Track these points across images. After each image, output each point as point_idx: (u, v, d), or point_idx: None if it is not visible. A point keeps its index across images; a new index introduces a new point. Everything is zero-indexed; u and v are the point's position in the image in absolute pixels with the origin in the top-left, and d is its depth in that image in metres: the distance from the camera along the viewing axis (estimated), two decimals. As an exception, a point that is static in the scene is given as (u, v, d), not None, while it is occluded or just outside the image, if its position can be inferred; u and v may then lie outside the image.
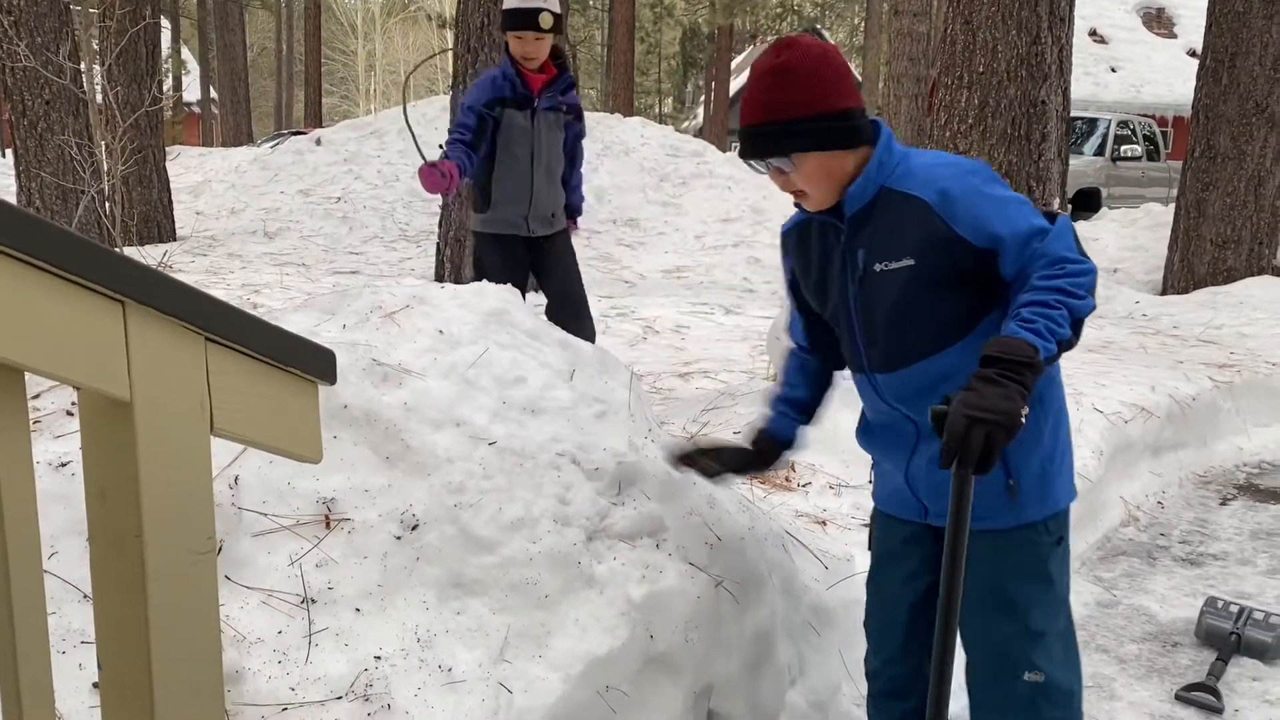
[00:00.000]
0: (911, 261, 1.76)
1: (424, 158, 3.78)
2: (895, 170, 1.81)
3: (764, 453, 2.15)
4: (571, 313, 4.07)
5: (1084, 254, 1.69)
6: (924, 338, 1.81)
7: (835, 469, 3.53)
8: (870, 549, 2.14)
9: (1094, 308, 1.66)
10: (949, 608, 1.65)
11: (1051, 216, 1.73)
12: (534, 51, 3.93)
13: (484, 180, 4.05)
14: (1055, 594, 1.90)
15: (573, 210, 4.35)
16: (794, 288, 2.07)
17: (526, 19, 3.86)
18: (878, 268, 1.81)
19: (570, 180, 4.29)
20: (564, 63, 4.08)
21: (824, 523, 3.13)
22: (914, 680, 2.03)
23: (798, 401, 2.13)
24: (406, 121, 4.28)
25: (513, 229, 4.08)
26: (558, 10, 3.96)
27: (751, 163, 1.84)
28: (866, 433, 2.05)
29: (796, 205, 1.91)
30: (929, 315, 1.79)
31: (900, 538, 2.01)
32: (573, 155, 4.25)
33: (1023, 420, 1.52)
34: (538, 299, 4.14)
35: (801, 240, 1.98)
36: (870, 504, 3.32)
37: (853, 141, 1.79)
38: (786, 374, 2.17)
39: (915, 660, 2.02)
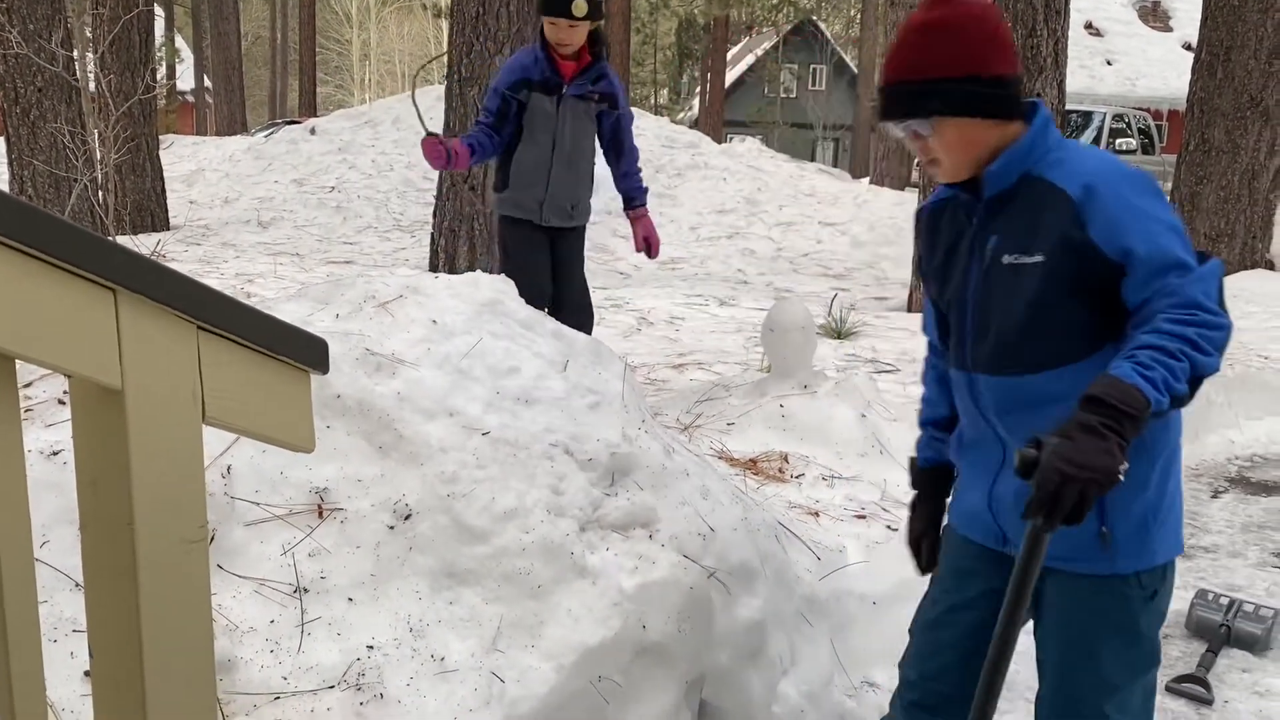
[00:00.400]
0: (1041, 258, 1.61)
1: (426, 129, 3.68)
2: (1046, 157, 1.65)
3: (932, 489, 1.96)
4: (570, 313, 3.92)
5: (1223, 306, 1.51)
6: (1039, 346, 1.65)
7: (828, 460, 3.53)
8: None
9: (1218, 369, 1.48)
10: (999, 659, 1.52)
11: (1203, 256, 1.55)
12: (568, 38, 3.73)
13: (505, 160, 3.91)
14: (1142, 649, 1.74)
15: (630, 198, 4.06)
16: (922, 267, 1.92)
17: (559, 5, 3.67)
18: (1006, 259, 1.66)
19: (621, 167, 4.04)
20: (599, 50, 3.86)
21: (817, 514, 3.14)
22: (952, 701, 1.88)
23: (943, 420, 1.94)
24: (413, 98, 4.19)
25: (526, 214, 3.92)
26: None
27: (889, 125, 1.69)
28: (959, 443, 1.88)
29: (937, 180, 1.76)
30: (1049, 323, 1.63)
31: (971, 558, 1.85)
32: (617, 143, 4.01)
33: (1121, 477, 1.40)
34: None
35: (934, 220, 1.84)
36: (863, 496, 3.33)
37: (1001, 111, 1.64)
38: (926, 388, 1.99)
39: (958, 682, 1.87)
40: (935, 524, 1.95)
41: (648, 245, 4.04)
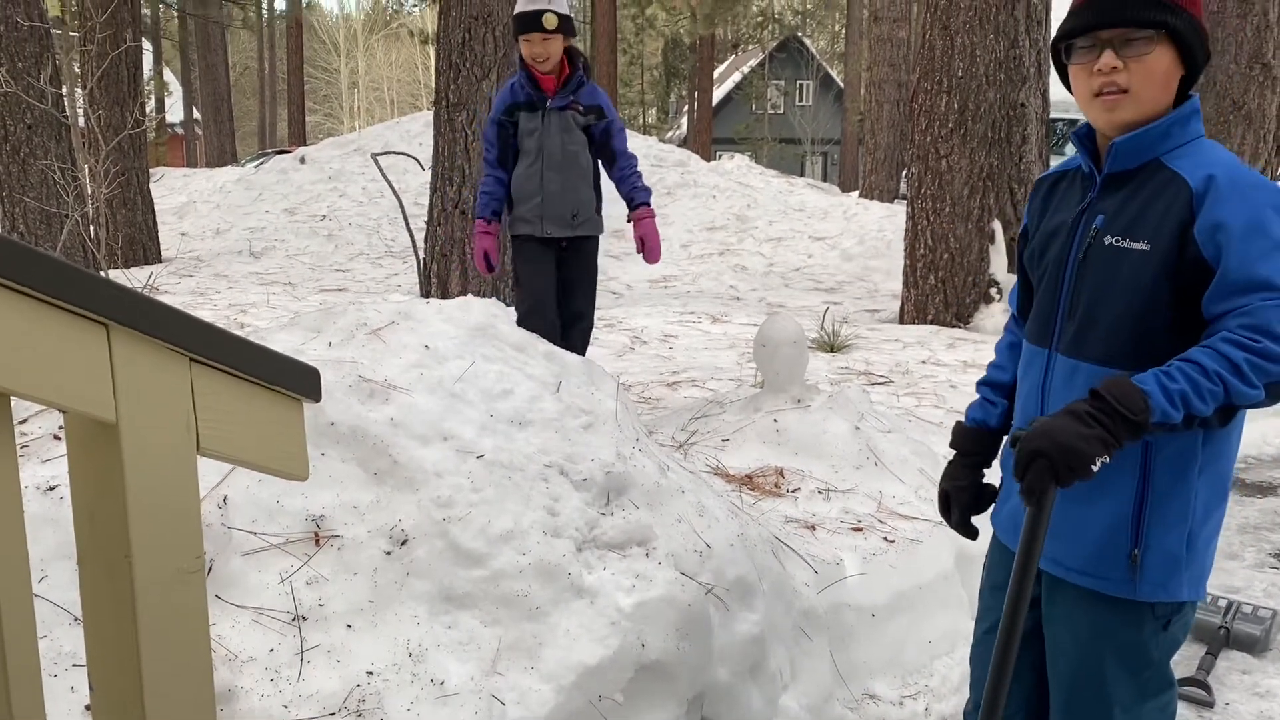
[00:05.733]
0: (1147, 247, 1.54)
1: (398, 199, 3.86)
2: (1180, 147, 1.59)
3: (967, 447, 1.89)
4: (571, 321, 4.13)
5: None
6: (1123, 340, 1.58)
7: (823, 474, 3.54)
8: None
9: (1260, 400, 1.42)
10: (1005, 652, 1.52)
11: None
12: (543, 52, 3.95)
13: (509, 182, 4.10)
14: (1152, 674, 1.70)
15: (629, 199, 4.10)
16: (1023, 239, 1.87)
17: (531, 21, 3.93)
18: (1109, 240, 1.60)
19: (616, 173, 4.10)
20: (578, 62, 4.08)
21: (813, 527, 3.14)
22: None
23: (1001, 384, 1.89)
24: (382, 173, 4.32)
25: (529, 228, 4.05)
26: (564, 11, 3.98)
27: (1076, 42, 1.60)
28: (1005, 450, 1.85)
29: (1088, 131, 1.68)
30: (1140, 317, 1.57)
31: (1008, 571, 1.78)
32: (608, 150, 4.10)
33: (1093, 469, 1.39)
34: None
35: (1052, 189, 1.79)
36: (859, 508, 3.34)
37: (1194, 68, 1.59)
38: (996, 352, 1.94)
39: (1012, 706, 1.85)
40: (963, 485, 1.88)
41: (644, 247, 4.06)
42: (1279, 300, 1.42)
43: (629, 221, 4.12)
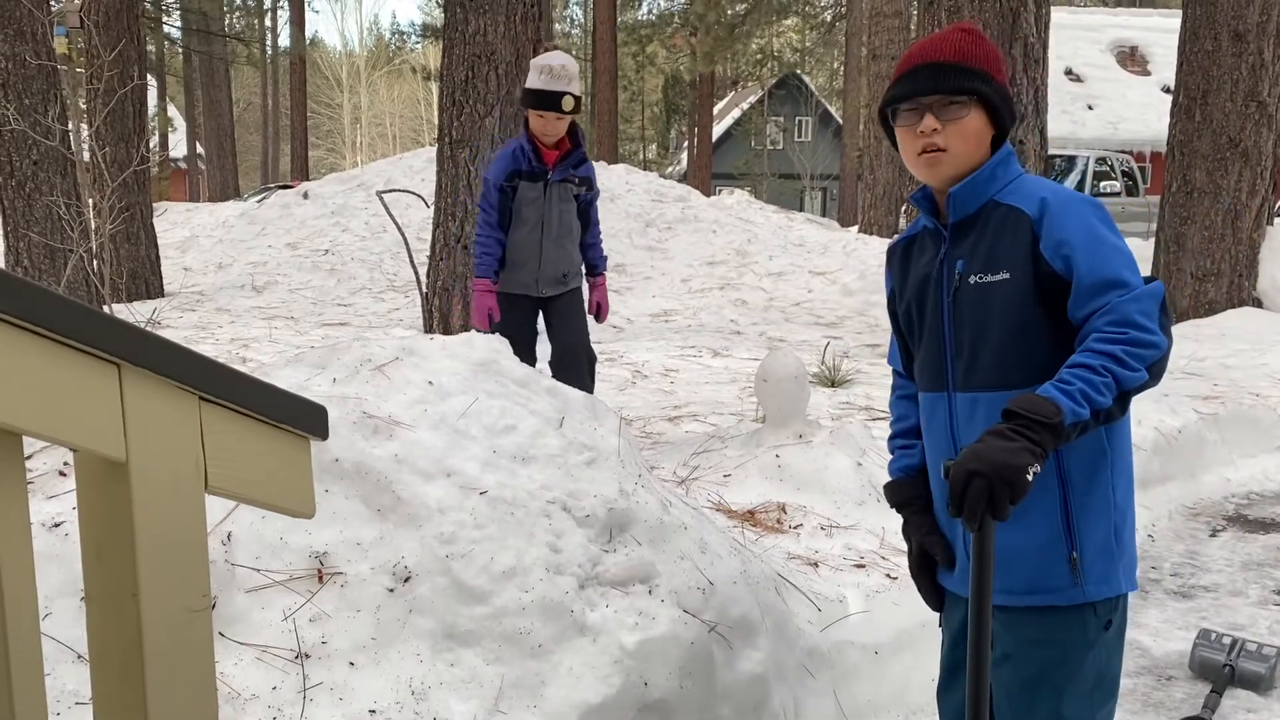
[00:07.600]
0: (1007, 276, 1.71)
1: (403, 234, 3.94)
2: (1007, 185, 1.77)
3: (912, 497, 1.93)
4: (573, 360, 4.31)
5: (1162, 327, 1.58)
6: (1011, 362, 1.71)
7: (826, 510, 3.54)
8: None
9: (1145, 380, 1.56)
10: (977, 683, 1.54)
11: (1149, 280, 1.63)
12: (554, 130, 4.16)
13: (505, 243, 4.34)
14: (1100, 683, 1.76)
15: (592, 267, 4.57)
16: (892, 302, 1.99)
17: (550, 101, 4.09)
18: (973, 279, 1.75)
19: (587, 239, 4.50)
20: (578, 137, 4.30)
21: (816, 564, 3.14)
22: None
23: (910, 430, 1.99)
24: (387, 210, 4.42)
25: (524, 289, 4.34)
26: (579, 93, 4.20)
27: (900, 107, 1.77)
28: (940, 490, 1.89)
29: (910, 206, 1.84)
30: (1020, 339, 1.71)
31: (961, 617, 1.83)
32: (586, 218, 4.47)
33: (1028, 477, 1.46)
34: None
35: (906, 255, 1.93)
36: (861, 545, 3.33)
37: (1004, 124, 1.78)
38: (892, 409, 2.04)
39: None
40: (931, 533, 1.88)
41: (598, 309, 4.57)
42: (1131, 294, 1.59)
43: (589, 282, 4.58)
